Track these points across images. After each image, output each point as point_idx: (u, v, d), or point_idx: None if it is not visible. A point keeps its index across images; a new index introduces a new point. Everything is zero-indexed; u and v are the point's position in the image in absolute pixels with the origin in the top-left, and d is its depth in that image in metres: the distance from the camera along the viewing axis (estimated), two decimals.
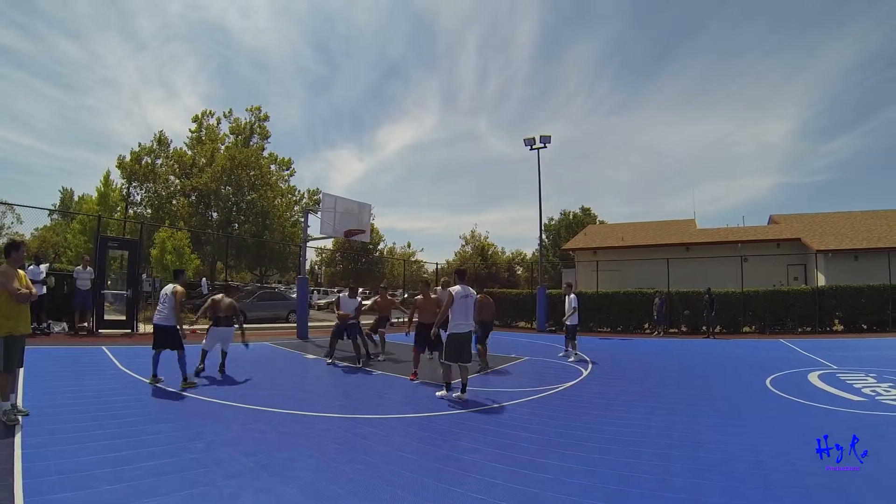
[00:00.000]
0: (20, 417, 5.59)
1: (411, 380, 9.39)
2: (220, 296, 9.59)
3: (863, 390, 8.47)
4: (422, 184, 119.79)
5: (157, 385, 7.88)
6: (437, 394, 7.99)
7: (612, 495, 4.13)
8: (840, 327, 20.30)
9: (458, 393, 7.85)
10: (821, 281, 23.80)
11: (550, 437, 5.94)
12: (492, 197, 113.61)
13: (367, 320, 13.44)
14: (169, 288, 8.29)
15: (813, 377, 9.84)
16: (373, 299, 13.89)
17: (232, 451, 4.98)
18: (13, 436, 5.06)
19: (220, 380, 8.79)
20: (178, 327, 8.09)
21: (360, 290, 36.91)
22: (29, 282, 6.03)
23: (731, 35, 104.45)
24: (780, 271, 26.53)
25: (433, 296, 9.89)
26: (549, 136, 23.84)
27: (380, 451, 5.20)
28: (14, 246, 5.96)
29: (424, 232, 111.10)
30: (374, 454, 5.07)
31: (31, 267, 13.15)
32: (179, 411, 6.55)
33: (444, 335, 8.30)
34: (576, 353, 13.06)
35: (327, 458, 4.88)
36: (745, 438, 5.87)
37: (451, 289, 8.09)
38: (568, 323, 13.36)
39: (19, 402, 6.04)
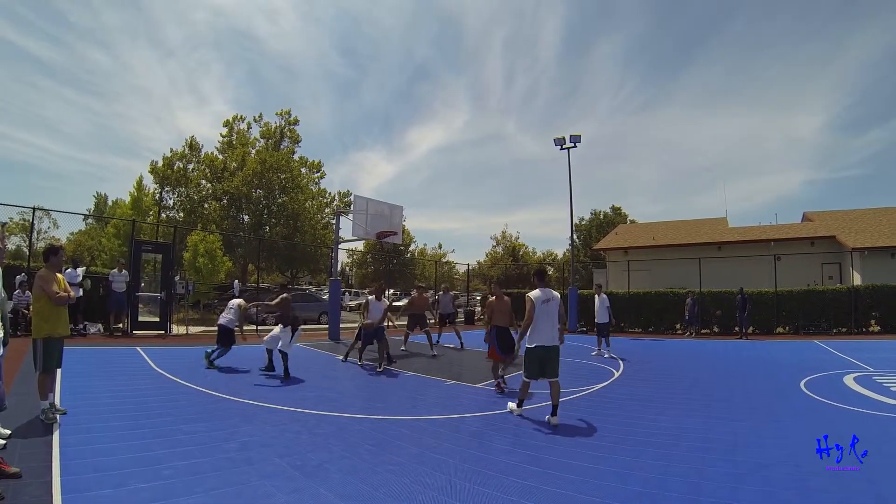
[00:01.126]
0: (58, 416, 5.71)
1: (498, 391, 8.53)
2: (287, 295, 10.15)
3: None
4: (451, 185, 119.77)
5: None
6: (509, 405, 7.17)
7: (646, 499, 4.07)
8: (877, 328, 19.73)
9: (550, 416, 6.61)
10: (856, 280, 23.15)
11: (583, 438, 5.88)
12: (521, 197, 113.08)
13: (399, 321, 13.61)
14: (235, 302, 10.65)
15: (848, 380, 9.61)
16: (410, 297, 14.19)
17: (266, 451, 5.00)
18: (51, 434, 5.17)
19: (258, 382, 8.87)
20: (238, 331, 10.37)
21: (391, 291, 37.18)
22: (67, 285, 6.15)
23: (756, 28, 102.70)
24: (814, 270, 25.97)
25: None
26: (580, 136, 23.66)
27: (413, 452, 5.19)
28: (53, 250, 6.07)
29: (454, 233, 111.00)
30: (408, 455, 5.07)
31: (69, 270, 13.48)
32: (213, 412, 6.60)
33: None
34: (609, 351, 13.32)
35: (361, 459, 4.88)
36: (781, 442, 5.74)
37: (529, 294, 6.95)
38: (598, 321, 13.49)
39: (57, 401, 6.18)
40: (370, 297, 11.26)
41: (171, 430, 5.61)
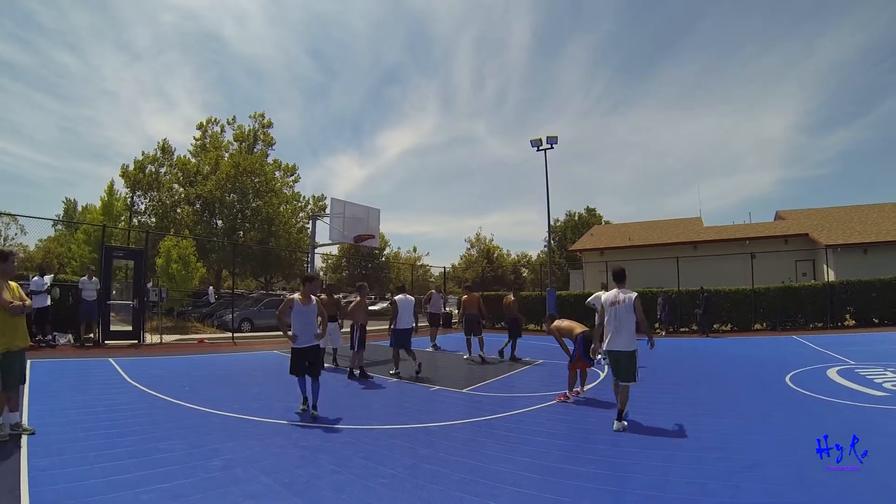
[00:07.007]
0: (26, 436, 5.38)
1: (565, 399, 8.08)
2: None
3: (884, 385, 8.34)
4: (423, 188, 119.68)
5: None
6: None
7: (651, 501, 3.98)
8: (852, 322, 20.08)
9: (617, 421, 6.28)
10: (830, 276, 23.56)
11: (577, 442, 5.81)
12: (493, 200, 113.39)
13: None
14: None
15: (832, 373, 9.70)
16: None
17: (251, 469, 4.74)
18: (19, 458, 4.81)
19: (238, 392, 8.57)
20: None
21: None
22: (23, 293, 5.78)
23: (727, 29, 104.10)
24: (788, 267, 26.43)
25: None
26: (556, 137, 23.61)
27: (406, 463, 5.00)
28: (3, 256, 5.67)
29: (427, 236, 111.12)
30: (401, 467, 4.87)
31: (35, 278, 13.00)
32: (192, 427, 6.28)
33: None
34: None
35: (352, 473, 4.67)
36: (776, 437, 5.76)
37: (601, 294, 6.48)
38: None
39: (25, 420, 5.84)
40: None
41: (149, 448, 5.29)
